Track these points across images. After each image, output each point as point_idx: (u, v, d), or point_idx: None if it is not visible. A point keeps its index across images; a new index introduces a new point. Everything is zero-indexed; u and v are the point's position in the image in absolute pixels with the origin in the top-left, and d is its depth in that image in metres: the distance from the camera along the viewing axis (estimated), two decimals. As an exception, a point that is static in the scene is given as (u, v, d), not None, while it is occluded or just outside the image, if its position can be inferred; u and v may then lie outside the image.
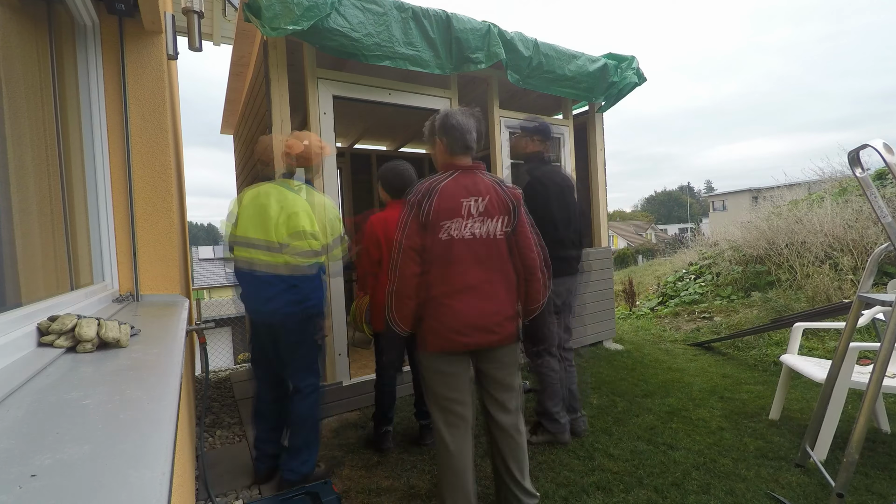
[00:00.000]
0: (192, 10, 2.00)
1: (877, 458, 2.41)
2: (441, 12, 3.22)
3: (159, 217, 1.85)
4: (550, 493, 2.17)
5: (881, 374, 1.85)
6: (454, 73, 3.43)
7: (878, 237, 5.57)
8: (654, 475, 2.30)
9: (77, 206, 1.58)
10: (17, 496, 0.38)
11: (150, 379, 0.73)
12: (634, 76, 4.38)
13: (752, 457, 2.46)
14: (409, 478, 2.36)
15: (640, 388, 3.52)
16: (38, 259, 1.16)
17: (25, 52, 1.19)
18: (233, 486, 2.39)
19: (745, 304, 5.90)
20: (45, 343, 0.85)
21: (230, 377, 4.45)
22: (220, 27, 4.22)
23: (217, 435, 3.04)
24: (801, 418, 2.91)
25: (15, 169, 1.06)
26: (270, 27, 2.54)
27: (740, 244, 7.36)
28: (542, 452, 2.56)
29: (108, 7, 1.67)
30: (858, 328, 2.53)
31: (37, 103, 1.26)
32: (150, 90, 1.84)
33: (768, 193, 10.82)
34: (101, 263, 1.70)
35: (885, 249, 2.17)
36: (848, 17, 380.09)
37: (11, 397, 0.62)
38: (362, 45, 2.89)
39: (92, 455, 0.46)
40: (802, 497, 2.09)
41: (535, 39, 3.73)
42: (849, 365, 2.29)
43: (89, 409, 0.59)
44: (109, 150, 1.75)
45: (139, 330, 1.07)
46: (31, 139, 1.20)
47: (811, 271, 5.61)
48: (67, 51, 1.60)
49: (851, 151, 2.05)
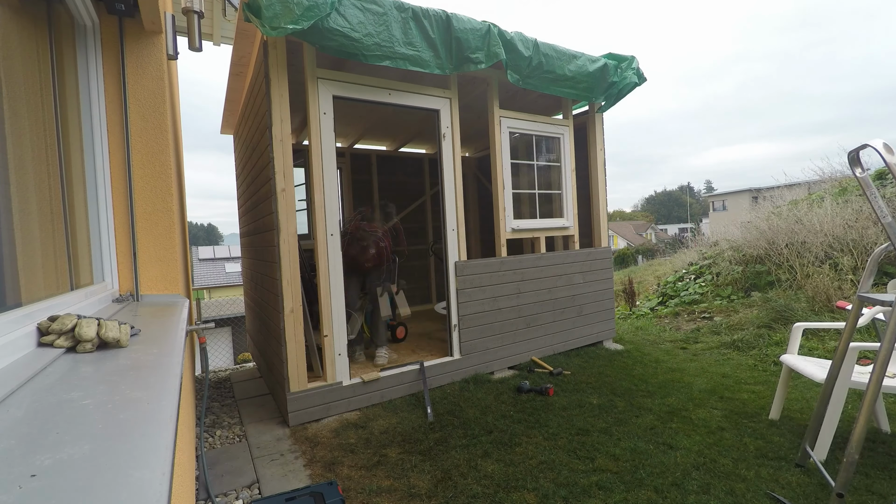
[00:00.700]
0: (192, 10, 2.00)
1: (877, 458, 2.41)
2: (441, 12, 3.22)
3: (159, 217, 1.85)
4: (550, 494, 2.17)
5: (881, 374, 1.85)
6: (454, 73, 3.43)
7: (878, 237, 5.57)
8: (654, 475, 2.30)
9: (77, 206, 1.58)
10: (17, 496, 0.38)
11: (150, 379, 0.73)
12: (634, 76, 4.38)
13: (752, 457, 2.46)
14: (409, 478, 2.36)
15: (640, 388, 3.52)
16: (38, 259, 1.15)
17: (25, 52, 1.19)
18: (233, 486, 2.40)
19: (745, 304, 5.90)
20: (45, 343, 0.85)
21: (230, 377, 4.46)
22: (220, 27, 4.22)
23: (217, 435, 3.04)
24: (801, 418, 2.91)
25: (15, 169, 1.06)
26: (270, 27, 2.54)
27: (740, 244, 7.37)
28: (542, 452, 2.56)
29: (108, 7, 1.67)
30: (858, 328, 2.52)
31: (37, 103, 1.26)
32: (150, 90, 1.84)
33: (768, 193, 10.83)
34: (101, 263, 1.70)
35: (885, 249, 2.17)
36: (828, 25, 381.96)
37: (11, 397, 0.62)
38: (362, 45, 2.89)
39: (92, 455, 0.46)
40: (802, 497, 2.09)
41: (535, 39, 3.73)
42: (849, 365, 2.29)
43: (89, 409, 0.59)
44: (109, 150, 1.75)
45: (139, 330, 1.07)
46: (32, 139, 1.20)
47: (811, 271, 5.61)
48: (67, 51, 1.60)
49: (851, 151, 2.05)
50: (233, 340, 12.17)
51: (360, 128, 5.74)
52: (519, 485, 2.25)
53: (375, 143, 6.71)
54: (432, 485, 2.29)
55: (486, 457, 2.54)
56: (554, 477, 2.32)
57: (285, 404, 3.01)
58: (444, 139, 3.72)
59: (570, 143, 4.60)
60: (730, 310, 5.88)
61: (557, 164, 4.62)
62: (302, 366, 3.02)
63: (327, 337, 3.13)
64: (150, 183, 1.83)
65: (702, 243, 9.86)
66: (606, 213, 4.99)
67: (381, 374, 3.39)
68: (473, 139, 6.54)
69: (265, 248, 3.46)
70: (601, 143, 4.89)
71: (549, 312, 4.35)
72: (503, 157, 4.10)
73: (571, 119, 4.64)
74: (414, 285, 6.86)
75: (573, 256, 4.56)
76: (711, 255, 8.12)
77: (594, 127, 4.82)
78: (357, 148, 6.55)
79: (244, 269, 5.37)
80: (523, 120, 4.25)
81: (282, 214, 2.95)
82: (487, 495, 2.18)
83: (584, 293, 4.65)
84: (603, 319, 4.82)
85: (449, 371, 3.71)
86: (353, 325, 3.68)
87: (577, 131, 4.90)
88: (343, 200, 6.32)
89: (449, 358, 3.77)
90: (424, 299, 6.85)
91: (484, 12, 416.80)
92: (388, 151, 6.81)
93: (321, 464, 2.52)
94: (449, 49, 3.30)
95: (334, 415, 3.16)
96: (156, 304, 1.68)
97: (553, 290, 4.37)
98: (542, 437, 2.75)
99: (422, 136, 6.32)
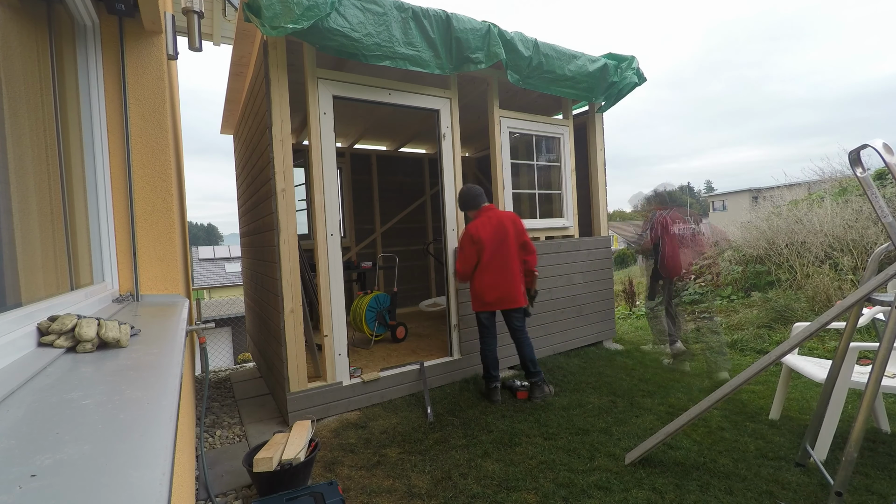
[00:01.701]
0: (192, 10, 2.00)
1: (877, 458, 2.41)
2: (441, 12, 3.22)
3: (159, 217, 1.85)
4: (550, 493, 2.17)
5: (880, 374, 1.85)
6: (454, 73, 3.43)
7: (878, 237, 5.57)
8: (653, 475, 2.30)
9: (77, 206, 1.58)
10: (17, 496, 0.38)
11: (150, 379, 0.73)
12: (634, 76, 4.38)
13: (752, 457, 2.46)
14: (409, 478, 2.36)
15: (640, 388, 3.52)
16: (38, 259, 1.15)
17: (25, 52, 1.19)
18: (233, 486, 2.39)
19: (745, 304, 5.90)
20: (45, 343, 0.85)
21: (230, 377, 4.46)
22: (220, 27, 4.21)
23: (217, 435, 3.04)
24: (801, 418, 2.91)
25: (15, 169, 1.06)
26: (270, 26, 2.54)
27: (740, 244, 7.37)
28: (542, 452, 2.56)
29: (108, 7, 1.67)
30: (858, 328, 2.52)
31: (37, 103, 1.26)
32: (150, 90, 1.84)
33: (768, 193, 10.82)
34: (101, 263, 1.70)
35: (886, 249, 2.17)
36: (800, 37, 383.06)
37: (11, 397, 0.62)
38: (362, 45, 2.89)
39: (92, 455, 0.46)
40: (802, 497, 2.09)
41: (535, 39, 3.73)
42: (849, 365, 2.29)
43: (89, 409, 0.59)
44: (109, 150, 1.75)
45: (139, 330, 1.07)
46: (31, 139, 1.20)
47: (811, 271, 5.61)
48: (67, 51, 1.60)
49: (852, 151, 2.05)
50: (233, 340, 12.17)
51: (360, 128, 5.73)
52: (519, 485, 2.26)
53: (375, 143, 6.71)
54: (432, 485, 2.29)
55: (486, 457, 2.54)
56: (554, 477, 2.32)
57: (285, 404, 3.01)
58: (444, 139, 3.72)
59: (570, 143, 4.60)
60: (730, 310, 5.88)
61: (557, 164, 4.62)
62: (302, 366, 3.02)
63: (327, 337, 3.13)
64: (150, 183, 1.83)
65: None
66: (607, 213, 4.99)
67: (381, 374, 3.39)
68: (473, 139, 6.54)
69: (265, 248, 3.46)
70: (601, 142, 4.89)
71: (549, 312, 4.35)
72: (503, 157, 4.10)
73: (571, 119, 4.64)
74: (414, 285, 6.86)
75: (574, 255, 4.56)
76: (711, 256, 8.11)
77: (594, 127, 4.82)
78: (357, 148, 6.55)
79: (244, 269, 5.37)
80: (523, 120, 4.25)
81: (282, 214, 2.95)
82: (487, 495, 2.18)
83: (583, 293, 4.66)
84: (603, 319, 4.82)
85: (449, 371, 3.71)
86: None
87: (577, 131, 4.90)
88: (343, 200, 6.33)
89: (449, 358, 3.77)
90: (424, 299, 6.86)
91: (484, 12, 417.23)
92: (388, 151, 6.81)
93: (321, 464, 2.52)
94: (449, 49, 3.30)
95: (334, 415, 3.16)
96: (156, 304, 1.68)
97: (553, 290, 4.37)
98: (541, 437, 2.75)
99: (422, 136, 6.32)
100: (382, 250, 6.55)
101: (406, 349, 4.25)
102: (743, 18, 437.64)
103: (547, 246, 4.37)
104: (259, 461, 2.10)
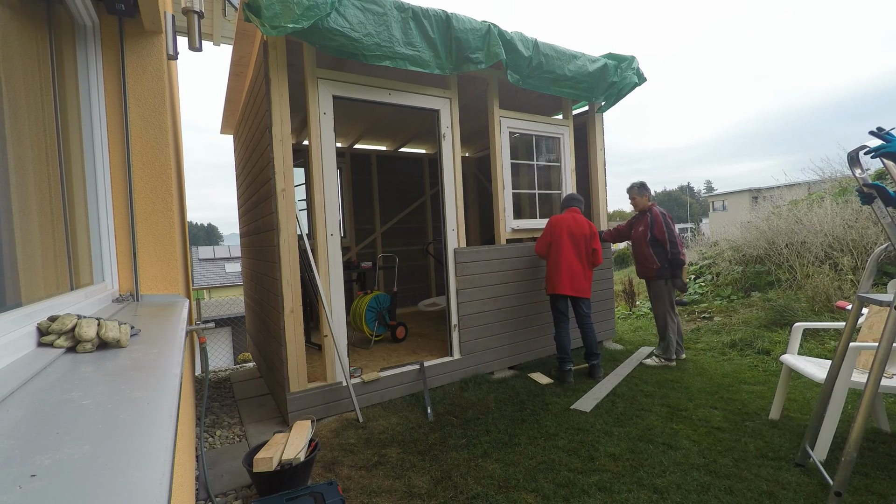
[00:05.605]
0: (192, 10, 2.00)
1: (877, 458, 2.41)
2: (441, 12, 3.22)
3: (159, 217, 1.85)
4: (550, 494, 2.17)
5: (879, 374, 1.85)
6: (454, 73, 3.43)
7: (878, 237, 5.57)
8: (654, 475, 2.30)
9: (77, 207, 1.58)
10: (17, 496, 0.38)
11: (150, 379, 0.73)
12: (634, 76, 4.38)
13: (752, 457, 2.46)
14: (408, 478, 2.36)
15: (641, 389, 3.52)
16: (38, 259, 1.15)
17: (25, 52, 1.19)
18: (233, 486, 2.39)
19: (745, 304, 5.91)
20: (45, 343, 0.85)
21: (230, 377, 4.46)
22: (220, 27, 4.21)
23: (217, 435, 3.04)
24: (801, 418, 2.91)
25: (15, 169, 1.06)
26: (270, 26, 2.54)
27: (740, 244, 7.37)
28: (541, 452, 2.56)
29: (108, 7, 1.67)
30: (858, 328, 2.52)
31: (37, 103, 1.26)
32: (150, 90, 1.84)
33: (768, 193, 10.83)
34: (100, 263, 1.70)
35: (885, 249, 2.17)
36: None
37: (11, 397, 0.62)
38: (362, 45, 2.89)
39: (92, 455, 0.46)
40: (802, 497, 2.09)
41: (535, 39, 3.73)
42: (848, 365, 2.29)
43: (89, 409, 0.59)
44: (109, 150, 1.75)
45: (139, 330, 1.07)
46: (31, 139, 1.20)
47: (811, 271, 5.61)
48: (67, 51, 1.60)
49: (851, 152, 2.05)
50: (233, 340, 12.16)
51: (360, 128, 5.74)
52: (519, 485, 2.26)
53: (375, 143, 6.72)
54: (432, 485, 2.29)
55: (486, 457, 2.54)
56: (554, 477, 2.32)
57: (285, 404, 3.01)
58: (444, 139, 3.72)
59: (570, 143, 4.60)
60: (730, 310, 5.88)
61: (557, 164, 4.62)
62: (302, 366, 3.02)
63: (327, 337, 3.13)
64: (150, 183, 1.83)
65: (702, 243, 9.85)
66: (607, 212, 4.99)
67: (381, 374, 3.39)
68: (473, 139, 6.54)
69: (265, 247, 3.46)
70: (601, 142, 4.89)
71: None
72: (503, 157, 4.10)
73: (571, 119, 4.64)
74: (414, 285, 6.87)
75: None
76: (711, 255, 8.12)
77: (594, 127, 4.82)
78: (357, 148, 6.56)
79: (244, 269, 5.37)
80: (523, 120, 4.25)
81: (282, 214, 2.95)
82: (487, 495, 2.18)
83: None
84: (603, 319, 4.82)
85: (449, 371, 3.71)
86: None
87: (576, 131, 4.90)
88: (343, 200, 6.33)
89: (449, 358, 3.77)
90: (424, 299, 6.85)
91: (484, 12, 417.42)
92: (388, 151, 6.81)
93: (321, 464, 2.52)
94: (449, 49, 3.30)
95: (334, 415, 3.16)
96: (156, 304, 1.68)
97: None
98: (541, 437, 2.75)
99: (422, 136, 6.32)
100: (382, 250, 6.55)
101: (406, 349, 4.25)
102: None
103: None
104: (259, 461, 2.10)
